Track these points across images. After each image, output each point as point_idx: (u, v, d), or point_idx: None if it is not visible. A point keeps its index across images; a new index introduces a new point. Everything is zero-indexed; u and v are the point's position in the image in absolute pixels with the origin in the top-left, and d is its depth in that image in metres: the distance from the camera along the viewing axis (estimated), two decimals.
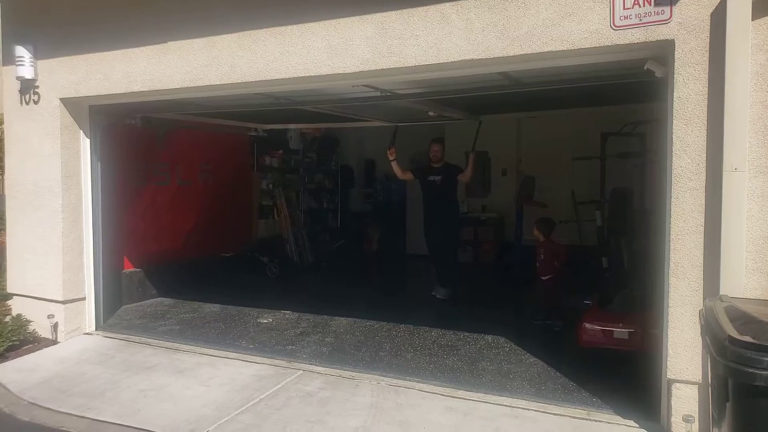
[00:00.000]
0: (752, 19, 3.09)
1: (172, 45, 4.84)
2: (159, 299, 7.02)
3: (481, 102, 6.21)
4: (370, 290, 7.88)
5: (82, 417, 3.90)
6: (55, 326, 5.55)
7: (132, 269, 6.91)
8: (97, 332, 5.78)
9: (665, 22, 3.29)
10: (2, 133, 7.60)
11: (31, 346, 5.42)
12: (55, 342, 5.52)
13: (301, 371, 4.63)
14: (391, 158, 6.84)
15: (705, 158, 3.26)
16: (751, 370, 2.13)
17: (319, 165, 10.78)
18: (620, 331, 4.44)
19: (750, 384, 2.15)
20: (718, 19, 3.16)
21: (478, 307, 6.74)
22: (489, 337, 5.21)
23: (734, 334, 2.26)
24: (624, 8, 3.38)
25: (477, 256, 9.25)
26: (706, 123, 3.25)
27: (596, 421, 3.69)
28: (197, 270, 7.47)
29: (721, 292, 3.11)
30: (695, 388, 3.36)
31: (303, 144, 10.08)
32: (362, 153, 11.54)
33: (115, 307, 6.40)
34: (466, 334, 5.33)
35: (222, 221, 8.20)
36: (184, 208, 7.64)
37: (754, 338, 2.21)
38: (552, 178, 8.24)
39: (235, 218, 8.63)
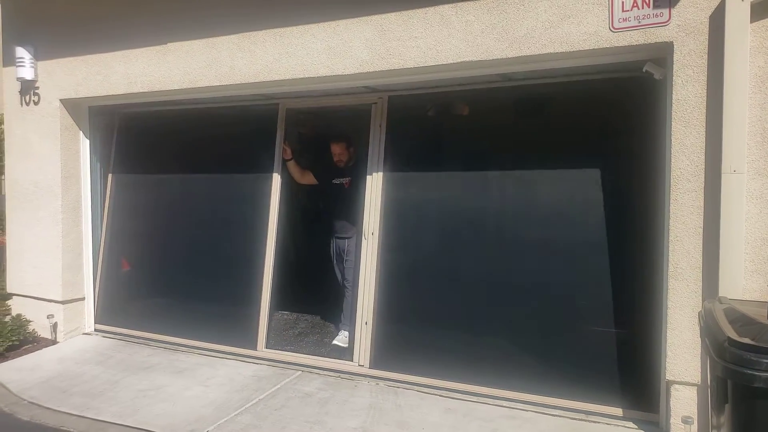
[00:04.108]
0: (751, 22, 3.10)
1: (172, 46, 4.85)
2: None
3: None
4: None
5: (82, 417, 3.91)
6: (54, 326, 5.56)
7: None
8: (96, 332, 5.79)
9: (664, 24, 3.31)
10: (2, 133, 7.62)
11: (30, 346, 5.42)
12: (54, 342, 5.53)
13: (300, 372, 4.63)
14: (286, 158, 5.17)
15: (704, 160, 3.27)
16: (750, 372, 2.13)
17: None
18: None
19: (749, 385, 2.15)
20: (717, 22, 3.18)
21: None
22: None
23: (733, 335, 2.27)
24: (623, 10, 3.39)
25: None
26: (704, 125, 3.26)
27: (595, 422, 3.70)
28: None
29: (720, 294, 3.12)
30: (694, 390, 3.37)
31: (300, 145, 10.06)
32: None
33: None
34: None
35: None
36: None
37: (753, 340, 2.21)
38: None
39: None
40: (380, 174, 4.64)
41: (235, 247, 5.24)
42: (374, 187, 4.64)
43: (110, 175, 5.93)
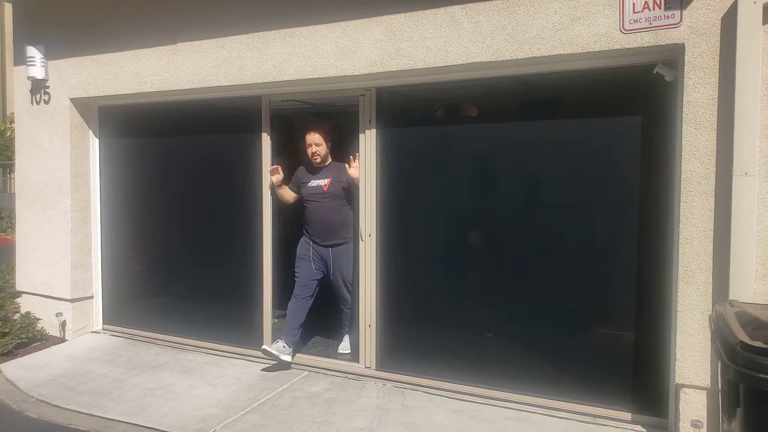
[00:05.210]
0: (763, 24, 3.08)
1: (182, 46, 4.87)
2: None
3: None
4: None
5: (90, 415, 3.92)
6: (63, 324, 5.59)
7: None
8: (104, 331, 5.82)
9: (675, 25, 3.29)
10: (13, 132, 7.67)
11: (39, 343, 5.45)
12: (63, 340, 5.56)
13: (307, 372, 4.64)
14: (275, 182, 4.74)
15: (715, 162, 3.25)
16: (762, 376, 2.12)
17: None
18: None
19: (761, 390, 2.14)
20: (729, 24, 3.16)
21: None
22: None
23: (746, 339, 2.25)
24: (634, 12, 3.38)
25: None
26: (715, 127, 3.24)
27: (603, 425, 3.68)
28: None
29: (731, 297, 3.10)
30: (704, 393, 3.35)
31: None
32: None
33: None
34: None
35: None
36: None
37: (765, 343, 2.20)
38: None
39: None
40: (374, 172, 4.45)
41: (236, 248, 5.21)
42: (368, 187, 4.46)
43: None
